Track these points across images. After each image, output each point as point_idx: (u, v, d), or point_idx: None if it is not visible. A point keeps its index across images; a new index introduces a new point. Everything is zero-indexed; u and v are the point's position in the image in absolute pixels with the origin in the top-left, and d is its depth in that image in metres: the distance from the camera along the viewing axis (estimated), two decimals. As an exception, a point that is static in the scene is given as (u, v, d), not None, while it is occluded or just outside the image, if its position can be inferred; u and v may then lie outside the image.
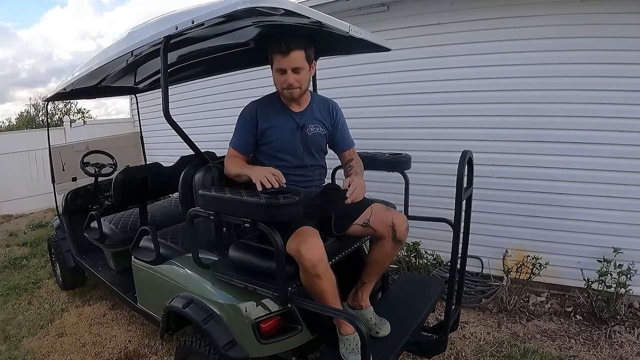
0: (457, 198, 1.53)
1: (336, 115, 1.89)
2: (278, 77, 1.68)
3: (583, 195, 2.83)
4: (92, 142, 3.85)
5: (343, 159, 1.94)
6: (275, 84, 1.73)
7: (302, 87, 1.69)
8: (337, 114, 1.90)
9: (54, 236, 3.41)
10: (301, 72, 1.65)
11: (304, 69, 1.66)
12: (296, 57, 1.61)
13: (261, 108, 1.77)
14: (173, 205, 3.25)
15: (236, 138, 1.78)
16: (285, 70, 1.64)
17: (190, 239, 1.76)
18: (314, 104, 1.83)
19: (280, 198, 1.34)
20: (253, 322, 1.57)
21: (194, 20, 1.38)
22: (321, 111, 1.85)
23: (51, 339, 2.73)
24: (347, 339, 1.57)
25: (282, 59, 1.62)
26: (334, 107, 1.90)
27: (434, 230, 2.94)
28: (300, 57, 1.62)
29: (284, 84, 1.66)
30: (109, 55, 2.00)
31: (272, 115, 1.76)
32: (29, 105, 21.07)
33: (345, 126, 1.94)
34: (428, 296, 2.02)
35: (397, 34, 3.22)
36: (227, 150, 1.79)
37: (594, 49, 2.68)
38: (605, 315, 2.55)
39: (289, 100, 1.75)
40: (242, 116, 1.78)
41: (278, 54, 1.62)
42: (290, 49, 1.59)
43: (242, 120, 1.77)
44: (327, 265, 1.46)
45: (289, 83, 1.65)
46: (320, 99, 1.89)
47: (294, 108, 1.78)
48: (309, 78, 1.74)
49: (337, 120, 1.89)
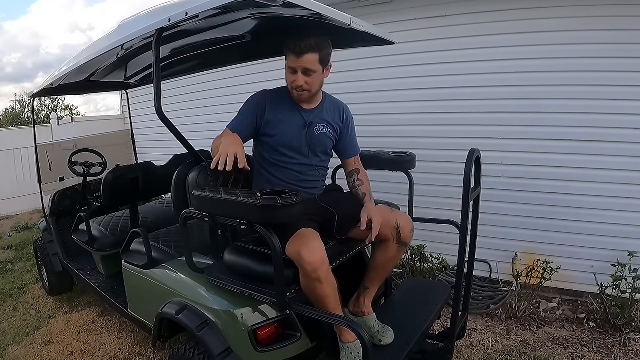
0: (464, 199, 1.53)
1: (346, 119, 1.90)
2: (289, 75, 1.69)
3: (597, 196, 2.83)
4: (81, 140, 3.86)
5: (347, 167, 1.94)
6: (286, 82, 1.74)
7: (311, 90, 1.70)
8: (348, 118, 1.91)
9: (41, 239, 3.41)
10: (313, 75, 1.65)
11: (316, 72, 1.66)
12: (310, 59, 1.61)
13: (271, 98, 1.78)
14: (165, 207, 3.25)
15: (236, 120, 1.75)
16: (296, 70, 1.65)
17: (184, 242, 1.77)
18: (326, 104, 1.84)
19: (278, 199, 1.34)
20: (250, 330, 1.57)
21: (187, 12, 1.38)
22: (331, 112, 1.86)
23: (37, 347, 2.72)
24: (349, 347, 1.57)
25: (295, 58, 1.62)
26: (345, 110, 1.91)
27: (439, 233, 2.95)
28: (313, 60, 1.62)
29: (294, 84, 1.68)
30: (99, 49, 2.00)
31: (280, 108, 1.77)
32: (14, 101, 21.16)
33: (354, 132, 1.95)
34: (434, 302, 2.01)
35: (401, 26, 3.22)
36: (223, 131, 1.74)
37: (607, 42, 2.68)
38: (620, 322, 2.55)
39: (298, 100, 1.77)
40: (250, 101, 1.79)
41: (292, 53, 1.62)
42: (303, 52, 1.59)
43: (249, 105, 1.78)
44: (328, 269, 1.47)
45: (298, 85, 1.66)
46: (333, 101, 1.90)
47: (303, 105, 1.80)
48: (322, 81, 1.74)
49: (347, 125, 1.90)
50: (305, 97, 1.73)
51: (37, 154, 3.37)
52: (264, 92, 1.81)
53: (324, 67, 1.68)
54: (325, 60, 1.66)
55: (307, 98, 1.74)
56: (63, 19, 67.76)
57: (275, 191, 1.44)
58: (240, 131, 1.70)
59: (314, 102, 1.81)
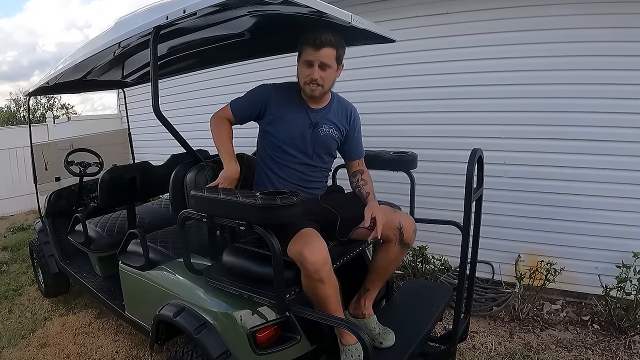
0: (466, 199, 1.53)
1: (353, 121, 1.91)
2: (304, 69, 1.69)
3: (601, 196, 2.83)
4: (77, 139, 3.86)
5: (350, 168, 1.96)
6: (299, 77, 1.75)
7: (324, 86, 1.71)
8: (355, 121, 1.92)
9: (36, 240, 3.41)
10: (328, 70, 1.68)
11: (331, 68, 1.68)
12: (327, 53, 1.64)
13: (279, 93, 1.80)
14: (163, 207, 3.25)
15: (240, 101, 1.81)
16: (312, 63, 1.66)
17: (182, 243, 1.76)
18: (333, 104, 1.85)
19: (277, 199, 1.34)
20: (248, 332, 1.57)
21: (185, 9, 1.38)
22: (339, 114, 1.86)
23: (33, 349, 2.72)
24: (349, 350, 1.57)
25: (313, 51, 1.64)
26: (352, 112, 1.92)
27: (441, 234, 2.95)
28: (331, 55, 1.65)
29: (308, 78, 1.68)
30: (95, 47, 2.00)
31: (287, 103, 1.78)
32: (9, 100, 21.10)
33: (360, 134, 1.95)
34: (435, 304, 2.01)
35: (402, 24, 3.22)
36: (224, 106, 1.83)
37: (611, 40, 2.68)
38: (625, 324, 2.55)
39: (309, 97, 1.77)
40: (259, 90, 1.82)
41: (310, 46, 1.64)
42: (323, 44, 1.62)
43: (257, 93, 1.82)
44: (331, 270, 1.47)
45: (313, 78, 1.67)
46: (341, 102, 1.91)
47: (311, 104, 1.80)
48: (334, 79, 1.76)
49: (354, 127, 1.91)
50: (318, 93, 1.73)
51: (33, 154, 3.37)
52: (273, 85, 1.84)
53: (338, 65, 1.71)
54: (340, 59, 1.70)
55: (319, 94, 1.74)
56: (60, 16, 67.75)
57: (275, 191, 1.45)
58: (240, 114, 1.80)
59: (323, 101, 1.82)
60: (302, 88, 1.75)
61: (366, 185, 1.87)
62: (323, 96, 1.79)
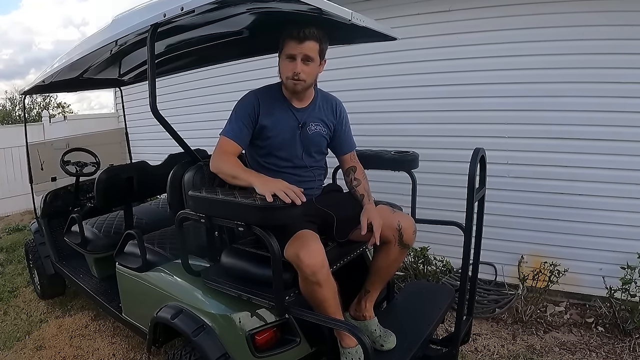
0: (468, 199, 1.53)
1: (340, 115, 1.89)
2: (286, 64, 1.67)
3: (605, 196, 2.83)
4: (73, 139, 3.87)
5: (343, 164, 1.93)
6: (280, 73, 1.72)
7: (307, 80, 1.68)
8: (341, 114, 1.90)
9: (32, 241, 3.41)
10: (310, 64, 1.65)
11: (314, 62, 1.66)
12: (311, 47, 1.62)
13: (263, 99, 1.75)
14: (161, 208, 3.25)
15: (233, 126, 1.71)
16: (295, 57, 1.63)
17: (180, 244, 1.76)
18: (318, 101, 1.83)
19: (277, 200, 1.34)
20: (247, 334, 1.57)
21: (183, 6, 1.38)
22: (324, 109, 1.84)
23: (29, 352, 2.72)
24: (350, 353, 1.57)
25: (295, 45, 1.61)
26: (338, 105, 1.90)
27: (443, 235, 2.94)
28: (314, 48, 1.63)
29: (290, 72, 1.65)
30: (92, 45, 2.00)
31: (273, 109, 1.75)
32: (5, 99, 21.07)
33: (348, 127, 1.94)
34: (437, 306, 2.01)
35: (403, 21, 3.22)
36: (218, 140, 1.71)
37: (616, 38, 2.68)
38: (629, 326, 2.55)
39: (292, 94, 1.75)
40: (242, 105, 1.74)
41: (292, 40, 1.62)
42: (306, 37, 1.60)
43: (242, 109, 1.73)
44: (328, 272, 1.46)
45: (296, 72, 1.64)
46: (325, 97, 1.89)
47: (295, 104, 1.77)
48: (316, 75, 1.74)
49: (341, 120, 1.89)
50: (300, 88, 1.70)
51: (28, 153, 3.37)
52: (253, 93, 1.77)
53: (321, 60, 1.69)
54: (322, 53, 1.68)
55: (302, 89, 1.71)
56: (56, 13, 67.83)
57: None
58: (242, 141, 1.70)
59: (307, 98, 1.80)
60: (284, 83, 1.72)
61: (360, 185, 1.85)
62: (306, 92, 1.76)
